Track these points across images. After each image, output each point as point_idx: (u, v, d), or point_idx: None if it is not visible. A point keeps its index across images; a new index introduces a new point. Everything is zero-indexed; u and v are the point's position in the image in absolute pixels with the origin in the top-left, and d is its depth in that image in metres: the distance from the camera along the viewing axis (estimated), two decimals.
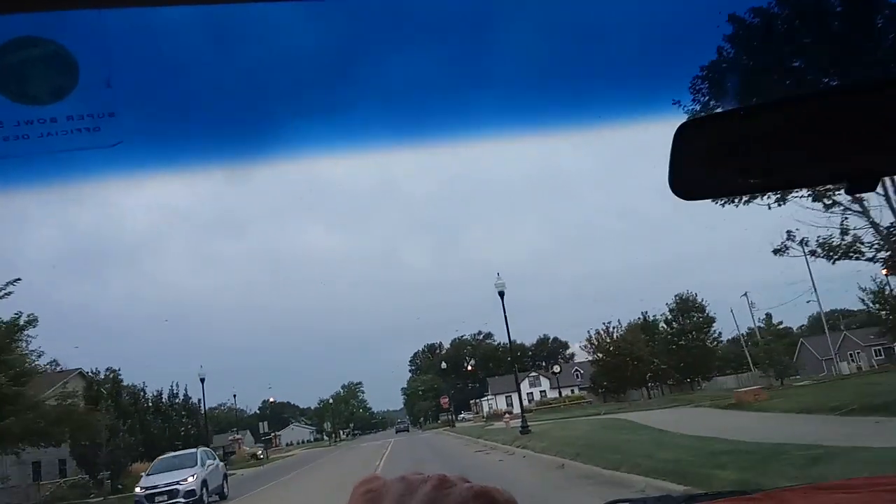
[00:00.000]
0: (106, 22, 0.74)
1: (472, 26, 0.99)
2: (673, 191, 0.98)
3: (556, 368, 63.12)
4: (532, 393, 69.93)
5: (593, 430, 20.52)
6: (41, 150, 0.79)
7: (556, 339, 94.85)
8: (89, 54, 0.76)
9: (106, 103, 0.78)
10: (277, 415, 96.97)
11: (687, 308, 54.26)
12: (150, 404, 43.32)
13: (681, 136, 0.93)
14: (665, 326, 55.81)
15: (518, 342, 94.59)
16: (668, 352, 52.82)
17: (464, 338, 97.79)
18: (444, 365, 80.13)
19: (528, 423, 25.99)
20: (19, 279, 22.74)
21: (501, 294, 28.93)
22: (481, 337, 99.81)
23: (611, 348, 53.71)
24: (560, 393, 61.07)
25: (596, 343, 55.78)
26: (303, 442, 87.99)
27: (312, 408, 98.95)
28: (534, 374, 75.22)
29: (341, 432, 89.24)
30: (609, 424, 22.92)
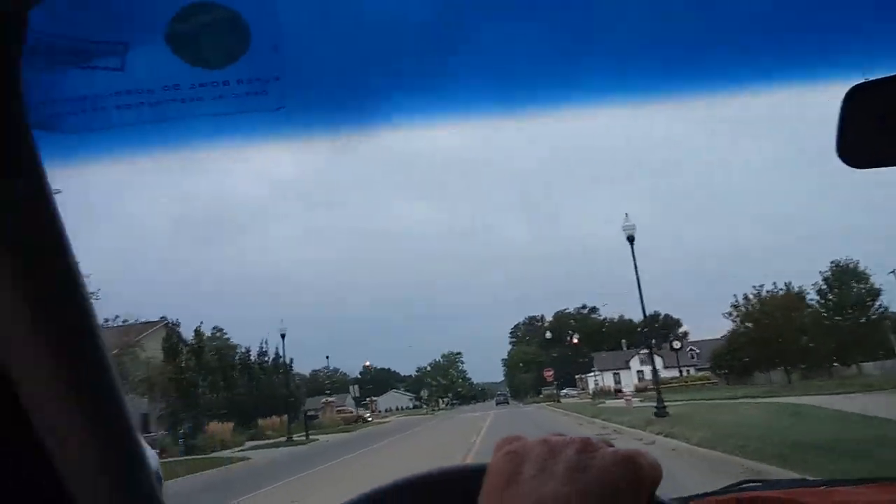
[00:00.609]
0: None
1: None
2: (840, 157, 0.94)
3: (676, 344, 58.10)
4: (642, 371, 67.21)
5: (774, 419, 14.34)
6: (214, 113, 0.85)
7: (667, 315, 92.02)
8: (259, 18, 0.81)
9: (273, 67, 0.82)
10: (377, 381, 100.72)
11: (845, 278, 47.41)
12: (238, 360, 41.97)
13: (852, 98, 0.89)
14: (818, 299, 48.76)
15: (626, 318, 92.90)
16: (820, 328, 46.66)
17: (567, 311, 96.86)
18: (548, 335, 79.05)
19: (644, 405, 23.59)
20: None
21: (631, 239, 23.79)
22: (586, 311, 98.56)
23: (759, 318, 48.13)
24: (680, 372, 56.97)
25: (744, 310, 49.73)
26: (401, 409, 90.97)
27: (413, 376, 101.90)
28: (645, 350, 73.18)
29: (440, 401, 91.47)
30: (792, 412, 16.26)
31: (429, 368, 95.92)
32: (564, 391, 70.82)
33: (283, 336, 39.21)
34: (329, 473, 16.71)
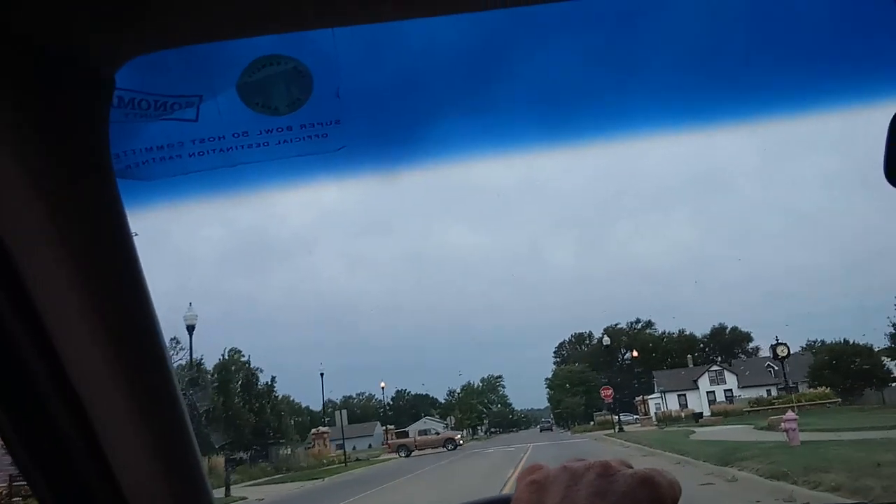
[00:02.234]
0: (338, 37, 0.93)
1: (625, 16, 1.08)
2: (889, 181, 1.02)
3: (782, 350, 45.90)
4: (713, 392, 63.91)
5: None
6: (279, 157, 1.01)
7: (734, 329, 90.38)
8: (321, 66, 0.96)
9: (334, 111, 0.98)
10: (412, 406, 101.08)
11: None
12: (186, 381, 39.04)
13: None
14: None
15: (686, 332, 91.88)
16: None
17: (618, 326, 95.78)
18: (606, 340, 73.78)
19: (803, 437, 16.61)
20: None
21: None
22: (640, 326, 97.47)
23: None
24: (784, 390, 48.20)
25: None
26: None
27: (446, 401, 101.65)
28: (716, 368, 67.64)
29: (478, 429, 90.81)
30: None
31: (460, 393, 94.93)
32: (617, 417, 67.29)
33: (190, 330, 28.80)
34: None
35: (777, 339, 47.25)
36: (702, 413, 48.38)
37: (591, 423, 68.10)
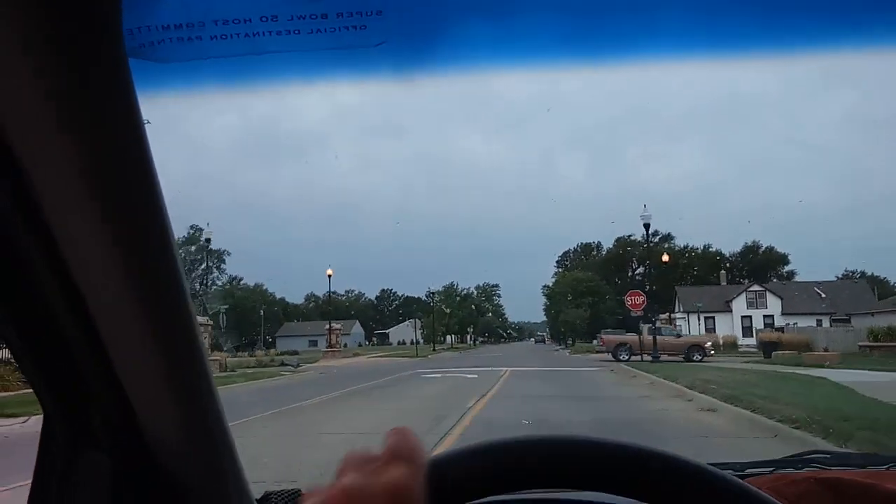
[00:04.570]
0: None
1: None
2: None
3: None
4: (750, 317, 59.26)
5: None
6: (310, 48, 1.03)
7: (769, 248, 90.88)
8: None
9: (376, 0, 0.99)
10: (404, 307, 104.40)
11: None
12: None
13: None
14: None
15: (712, 248, 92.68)
16: None
17: (631, 237, 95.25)
18: (647, 214, 48.74)
19: None
20: None
21: None
22: (657, 239, 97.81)
23: None
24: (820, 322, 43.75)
25: None
26: (414, 342, 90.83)
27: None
28: (756, 288, 61.95)
29: (467, 337, 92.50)
30: None
31: (433, 292, 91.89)
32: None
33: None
34: None
35: (764, 279, 42.36)
36: (776, 344, 38.66)
37: (594, 342, 58.83)
